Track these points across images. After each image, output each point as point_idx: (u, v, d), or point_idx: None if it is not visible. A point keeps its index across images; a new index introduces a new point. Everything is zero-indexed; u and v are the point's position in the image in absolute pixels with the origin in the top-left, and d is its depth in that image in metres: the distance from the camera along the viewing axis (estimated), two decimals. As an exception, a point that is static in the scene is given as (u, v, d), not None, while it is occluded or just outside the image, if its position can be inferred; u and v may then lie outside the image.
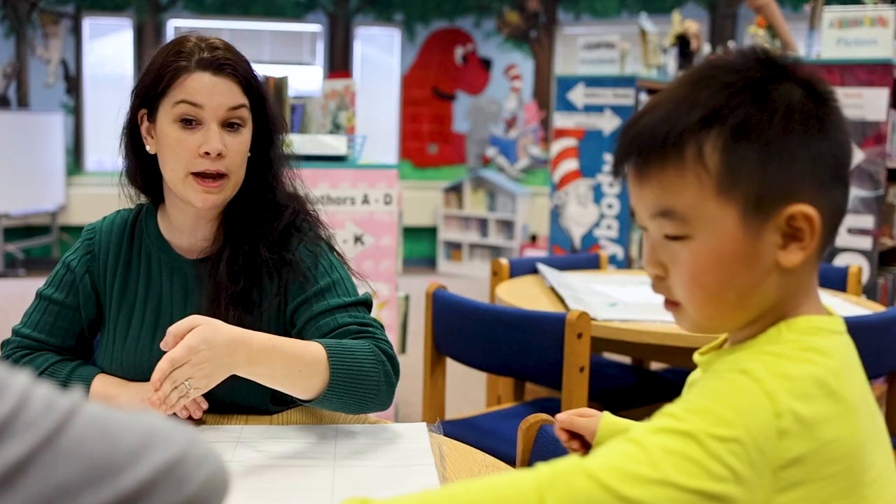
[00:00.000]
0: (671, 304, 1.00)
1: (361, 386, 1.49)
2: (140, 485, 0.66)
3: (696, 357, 1.04)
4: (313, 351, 1.46)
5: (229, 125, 1.59)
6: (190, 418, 1.56)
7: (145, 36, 8.88)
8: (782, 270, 0.93)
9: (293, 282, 1.63)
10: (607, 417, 1.29)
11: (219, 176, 1.59)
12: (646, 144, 0.95)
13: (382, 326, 1.63)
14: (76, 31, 8.88)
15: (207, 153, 1.56)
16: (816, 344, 0.91)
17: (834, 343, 0.93)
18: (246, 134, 1.62)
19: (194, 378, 1.33)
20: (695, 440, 0.82)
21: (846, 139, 0.95)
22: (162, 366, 1.31)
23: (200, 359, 1.32)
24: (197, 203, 1.59)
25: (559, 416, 1.32)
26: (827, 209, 0.92)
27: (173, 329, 1.35)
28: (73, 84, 8.94)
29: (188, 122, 1.58)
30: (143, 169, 1.68)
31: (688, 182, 0.92)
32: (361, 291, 1.67)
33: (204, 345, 1.33)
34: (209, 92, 1.57)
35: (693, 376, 1.07)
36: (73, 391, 0.69)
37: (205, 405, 1.58)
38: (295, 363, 1.43)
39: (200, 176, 1.58)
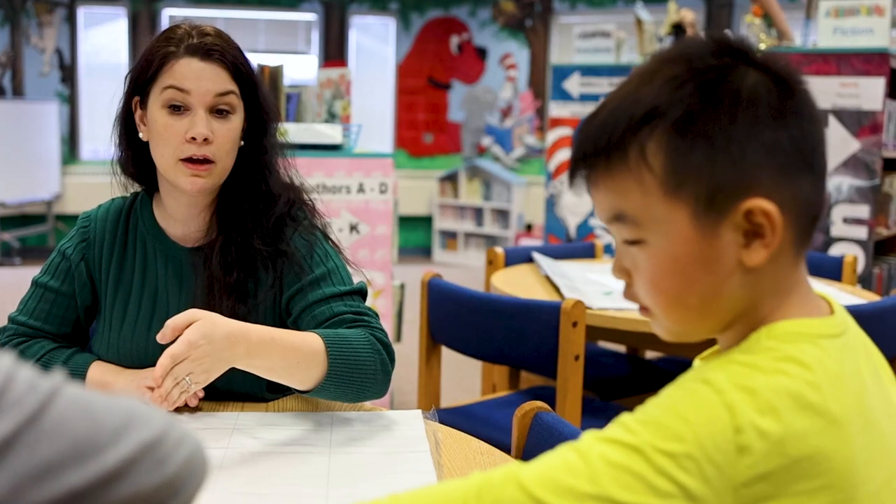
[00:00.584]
0: (644, 310, 0.95)
1: (359, 375, 1.50)
2: (121, 463, 0.68)
3: (697, 363, 1.00)
4: (311, 342, 1.46)
5: (218, 111, 1.59)
6: (186, 406, 1.56)
7: (140, 25, 8.86)
8: (747, 270, 0.87)
9: (288, 271, 1.63)
10: None
11: (206, 161, 1.58)
12: (590, 149, 0.90)
13: (377, 315, 1.63)
14: (71, 20, 8.85)
15: (194, 138, 1.56)
16: (795, 353, 0.84)
17: (818, 351, 0.85)
18: (235, 121, 1.62)
19: (194, 373, 1.34)
20: (640, 454, 0.78)
21: (812, 126, 0.88)
22: (163, 361, 1.31)
23: (200, 354, 1.33)
24: (185, 187, 1.59)
25: None
26: (791, 202, 0.86)
27: (171, 322, 1.35)
28: (68, 73, 8.92)
29: (176, 108, 1.58)
30: (136, 157, 1.68)
31: (634, 185, 0.88)
32: (356, 280, 1.68)
33: (203, 340, 1.33)
34: (196, 77, 1.57)
35: None
36: (55, 373, 0.70)
37: (201, 394, 1.58)
38: (293, 355, 1.43)
39: (188, 161, 1.58)
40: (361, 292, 1.65)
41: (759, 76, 0.86)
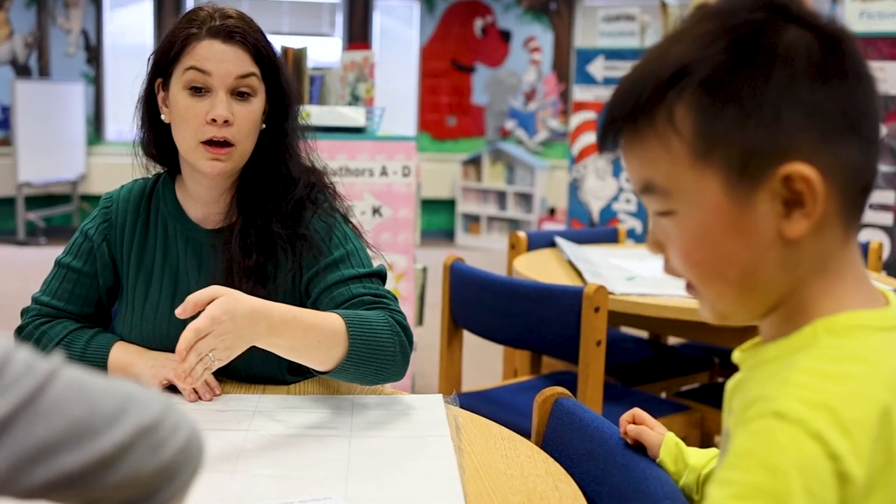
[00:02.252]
0: (689, 287, 0.89)
1: (379, 356, 1.50)
2: (116, 447, 0.68)
3: (736, 355, 0.93)
4: (332, 322, 1.46)
5: (239, 94, 1.59)
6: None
7: (165, 6, 8.87)
8: (788, 243, 0.81)
9: (307, 254, 1.63)
10: (670, 440, 1.25)
11: (226, 144, 1.59)
12: (618, 113, 0.85)
13: (396, 298, 1.63)
14: (97, 1, 8.88)
15: (214, 120, 1.56)
16: (858, 350, 0.78)
17: (881, 343, 0.80)
18: (256, 104, 1.62)
19: (217, 349, 1.33)
20: None
21: (860, 87, 0.81)
22: (187, 335, 1.30)
23: (223, 329, 1.32)
24: (205, 170, 1.59)
25: (630, 426, 1.27)
26: (835, 169, 0.79)
27: (193, 297, 1.34)
28: (94, 54, 8.95)
29: (197, 90, 1.58)
30: (158, 139, 1.68)
31: (662, 151, 0.83)
32: (376, 264, 1.67)
33: (226, 315, 1.32)
34: (218, 59, 1.57)
35: (734, 380, 0.93)
36: (53, 355, 0.70)
37: (218, 390, 1.59)
38: (315, 334, 1.43)
39: (209, 143, 1.58)
40: (380, 275, 1.65)
41: (800, 32, 0.80)
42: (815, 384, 0.76)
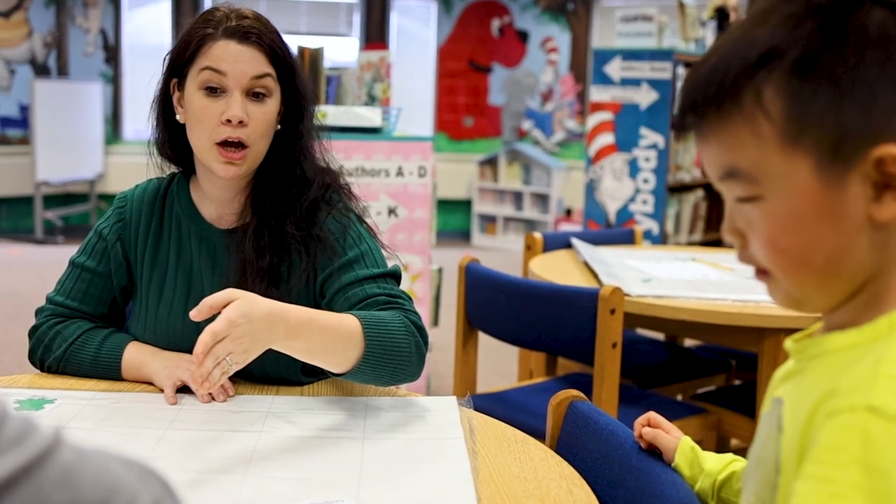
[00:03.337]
0: (760, 272, 0.87)
1: (395, 358, 1.49)
2: None
3: (788, 344, 0.90)
4: (348, 323, 1.45)
5: (254, 95, 1.59)
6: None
7: (183, 6, 8.90)
8: (877, 227, 0.79)
9: (322, 255, 1.62)
10: (686, 444, 1.23)
11: (240, 146, 1.58)
12: (700, 97, 0.83)
13: (411, 299, 1.62)
14: (115, 1, 8.91)
15: (229, 121, 1.56)
16: None
17: None
18: (271, 104, 1.61)
19: (234, 353, 1.32)
20: None
21: None
22: (204, 338, 1.29)
23: (240, 333, 1.30)
24: (219, 173, 1.59)
25: (645, 429, 1.26)
26: None
27: (209, 300, 1.33)
28: (112, 53, 8.99)
29: (212, 91, 1.58)
30: (173, 139, 1.68)
31: (749, 135, 0.81)
32: (391, 264, 1.67)
33: (243, 318, 1.31)
34: (233, 60, 1.57)
35: (784, 370, 0.91)
36: (48, 430, 0.64)
37: (231, 392, 1.58)
38: (331, 336, 1.42)
39: (223, 146, 1.58)
40: (395, 275, 1.64)
41: (887, 13, 0.78)
42: None
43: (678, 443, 1.24)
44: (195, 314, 1.33)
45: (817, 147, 0.78)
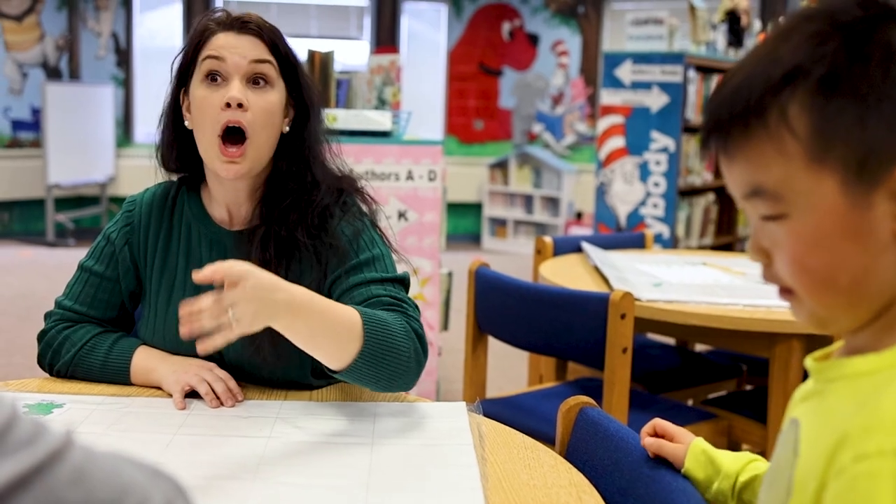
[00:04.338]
0: (784, 291, 0.86)
1: (393, 359, 1.47)
2: None
3: (808, 363, 0.90)
4: (349, 314, 1.45)
5: (254, 81, 1.60)
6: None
7: (194, 9, 8.92)
8: None
9: (332, 258, 1.62)
10: (697, 447, 1.22)
11: (241, 135, 1.58)
12: (725, 115, 0.83)
13: (417, 308, 1.61)
14: (127, 5, 8.94)
15: (228, 105, 1.56)
16: None
17: None
18: (272, 95, 1.61)
19: (240, 305, 1.30)
20: None
21: None
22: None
23: (249, 285, 1.31)
24: (221, 173, 1.59)
25: (648, 440, 1.25)
26: None
27: (213, 265, 1.33)
28: (124, 57, 9.02)
29: (213, 79, 1.59)
30: (182, 149, 1.68)
31: (775, 153, 0.80)
32: (401, 271, 1.66)
33: (252, 276, 1.32)
34: (232, 46, 1.59)
35: (803, 390, 0.90)
36: (59, 432, 0.65)
37: (240, 396, 1.58)
38: (331, 320, 1.41)
39: (224, 141, 1.57)
40: (403, 281, 1.63)
41: None
42: None
43: (685, 449, 1.23)
44: (197, 273, 1.32)
45: (843, 164, 0.78)
